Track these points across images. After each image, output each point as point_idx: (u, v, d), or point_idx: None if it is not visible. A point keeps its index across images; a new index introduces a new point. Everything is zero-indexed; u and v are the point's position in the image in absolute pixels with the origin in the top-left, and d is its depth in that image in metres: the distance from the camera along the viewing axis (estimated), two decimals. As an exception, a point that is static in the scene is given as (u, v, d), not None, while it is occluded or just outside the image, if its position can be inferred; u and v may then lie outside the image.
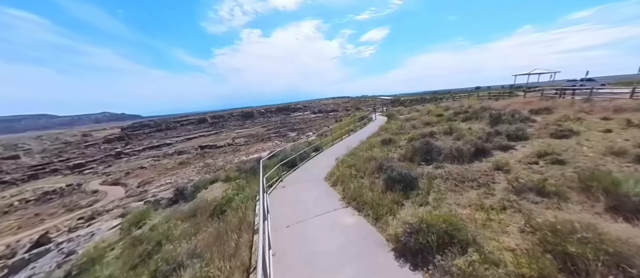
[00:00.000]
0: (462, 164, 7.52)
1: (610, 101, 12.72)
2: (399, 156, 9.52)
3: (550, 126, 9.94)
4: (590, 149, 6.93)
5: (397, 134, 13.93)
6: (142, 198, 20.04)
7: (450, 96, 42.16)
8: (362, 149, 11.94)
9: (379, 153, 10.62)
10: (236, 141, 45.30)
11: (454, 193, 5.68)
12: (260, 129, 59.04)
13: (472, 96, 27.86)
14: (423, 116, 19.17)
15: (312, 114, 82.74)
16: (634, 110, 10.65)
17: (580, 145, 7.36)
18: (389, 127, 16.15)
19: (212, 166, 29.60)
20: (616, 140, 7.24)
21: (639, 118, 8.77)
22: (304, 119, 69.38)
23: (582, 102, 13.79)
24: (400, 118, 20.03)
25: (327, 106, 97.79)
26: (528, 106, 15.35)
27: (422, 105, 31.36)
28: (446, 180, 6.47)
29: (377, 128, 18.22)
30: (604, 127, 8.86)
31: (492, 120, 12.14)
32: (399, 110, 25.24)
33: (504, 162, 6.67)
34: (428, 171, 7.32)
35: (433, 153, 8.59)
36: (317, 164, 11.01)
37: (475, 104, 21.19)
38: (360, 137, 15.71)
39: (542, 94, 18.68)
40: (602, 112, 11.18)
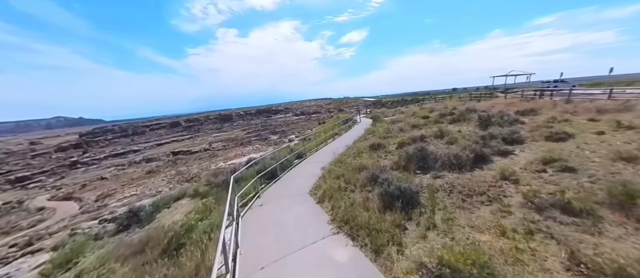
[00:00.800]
0: (462, 172, 6.83)
1: (591, 101, 13.02)
2: (391, 163, 8.70)
3: (542, 128, 9.71)
4: (593, 153, 6.54)
5: (385, 138, 13.23)
6: (98, 215, 17.54)
7: (430, 97, 43.11)
8: (349, 156, 11.03)
9: (368, 160, 9.76)
10: (213, 146, 42.71)
11: (463, 210, 4.87)
12: (240, 132, 56.40)
13: (453, 97, 28.35)
14: (409, 118, 18.82)
15: (294, 116, 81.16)
16: (616, 111, 10.82)
17: (582, 149, 6.98)
18: (375, 130, 15.46)
19: (186, 174, 27.23)
20: (616, 143, 6.96)
21: (628, 120, 8.72)
22: (286, 121, 67.67)
23: (563, 103, 14.05)
24: (386, 120, 19.52)
25: (309, 107, 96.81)
26: (512, 107, 15.46)
27: (406, 107, 31.43)
28: (450, 192, 5.68)
29: (362, 131, 17.50)
30: (595, 129, 8.71)
31: (481, 122, 11.83)
32: (383, 112, 24.95)
33: (509, 170, 6.04)
34: (427, 182, 6.52)
35: (429, 160, 7.87)
36: (300, 174, 9.88)
37: (458, 105, 21.33)
38: (346, 141, 14.84)
39: (523, 95, 19.16)
40: (586, 113, 11.27)
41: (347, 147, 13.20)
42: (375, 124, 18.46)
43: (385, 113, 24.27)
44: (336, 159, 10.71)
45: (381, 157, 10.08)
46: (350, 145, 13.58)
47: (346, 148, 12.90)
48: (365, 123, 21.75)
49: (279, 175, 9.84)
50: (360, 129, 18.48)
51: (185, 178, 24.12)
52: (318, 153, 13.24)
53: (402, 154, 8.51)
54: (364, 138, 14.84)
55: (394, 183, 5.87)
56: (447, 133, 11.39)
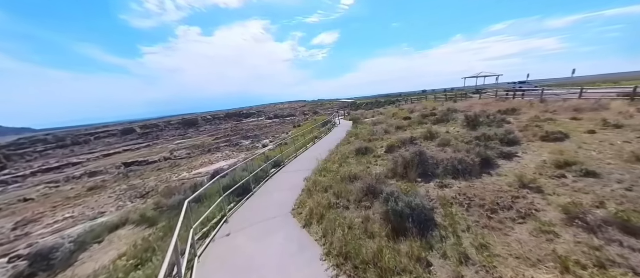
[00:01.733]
0: (469, 179, 6.03)
1: (564, 101, 13.60)
2: (385, 170, 7.68)
3: (532, 127, 9.53)
4: (601, 154, 6.20)
5: (370, 141, 12.34)
6: (11, 249, 13.97)
7: (403, 99, 44.30)
8: (334, 162, 9.86)
9: (357, 166, 8.68)
10: (175, 154, 38.61)
11: (494, 231, 3.92)
12: (207, 138, 52.15)
13: (428, 98, 29.03)
14: (390, 119, 18.37)
15: (267, 119, 78.21)
16: (591, 110, 11.23)
17: (585, 149, 6.66)
18: (358, 132, 14.56)
19: (140, 187, 23.64)
20: (616, 142, 6.75)
21: (613, 118, 8.85)
22: (259, 125, 64.67)
23: (538, 102, 14.54)
24: (367, 122, 18.83)
25: (283, 110, 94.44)
26: (490, 107, 15.74)
27: (384, 107, 31.47)
28: (468, 207, 4.74)
29: (344, 133, 16.53)
30: (583, 127, 8.69)
31: (468, 122, 11.52)
32: (362, 113, 24.44)
33: (526, 176, 5.33)
34: (436, 193, 5.56)
35: (428, 165, 6.98)
36: (279, 186, 8.42)
37: (435, 106, 21.59)
38: (328, 145, 13.69)
39: (496, 95, 19.94)
40: (565, 112, 11.57)
41: (330, 152, 12.04)
42: (357, 126, 17.63)
43: (364, 114, 23.71)
44: (320, 167, 9.45)
45: (371, 163, 9.05)
46: (333, 149, 12.45)
47: (329, 153, 11.73)
48: (345, 125, 20.90)
49: (253, 189, 8.26)
50: (341, 132, 17.50)
51: (140, 192, 20.82)
52: (298, 160, 11.87)
53: (397, 159, 7.52)
54: (346, 141, 13.84)
55: (402, 197, 4.77)
56: (437, 134, 10.83)
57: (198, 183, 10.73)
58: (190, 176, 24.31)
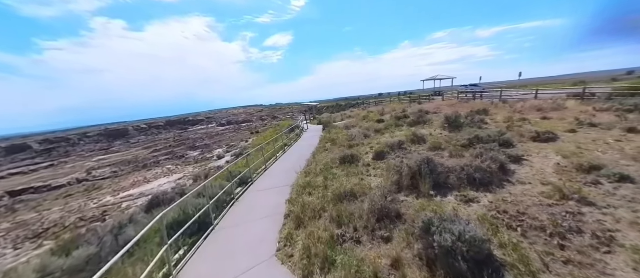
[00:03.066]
0: (493, 189, 5.25)
1: (524, 101, 14.83)
2: (385, 183, 6.51)
3: (513, 128, 9.67)
4: (606, 153, 6.19)
5: (351, 146, 11.21)
6: None
7: (363, 101, 45.46)
8: (316, 174, 8.40)
9: (348, 179, 7.34)
10: (95, 174, 31.63)
11: (584, 268, 2.96)
12: (142, 151, 44.32)
13: (393, 100, 29.96)
14: (362, 122, 17.78)
15: (218, 126, 71.55)
16: (552, 109, 12.26)
17: (587, 149, 6.65)
18: (335, 137, 13.35)
19: (36, 224, 17.95)
20: (608, 140, 6.90)
21: (583, 117, 9.46)
22: (209, 133, 58.36)
23: (501, 103, 15.60)
24: (339, 125, 17.86)
25: (237, 115, 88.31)
26: (458, 108, 16.40)
27: (351, 110, 31.26)
28: (522, 230, 3.78)
29: (316, 139, 15.16)
30: (561, 127, 9.06)
31: (450, 124, 11.38)
32: (330, 117, 23.52)
33: (556, 183, 4.74)
34: (463, 210, 4.55)
35: (440, 174, 6.04)
36: (252, 212, 6.52)
37: (403, 107, 22.04)
38: (302, 153, 12.12)
39: (458, 97, 21.28)
40: (531, 112, 12.40)
41: (307, 161, 10.52)
42: (329, 130, 16.45)
43: (332, 117, 22.84)
44: (301, 182, 7.85)
45: (362, 173, 7.82)
46: (310, 159, 10.95)
47: (307, 163, 10.22)
48: (314, 129, 19.57)
49: (215, 221, 6.15)
50: (312, 137, 16.09)
51: (33, 232, 15.58)
52: (270, 174, 9.99)
53: (401, 169, 6.42)
54: (322, 147, 12.47)
55: (447, 226, 3.55)
56: (423, 136, 10.29)
57: (132, 209, 7.94)
58: (116, 201, 19.65)
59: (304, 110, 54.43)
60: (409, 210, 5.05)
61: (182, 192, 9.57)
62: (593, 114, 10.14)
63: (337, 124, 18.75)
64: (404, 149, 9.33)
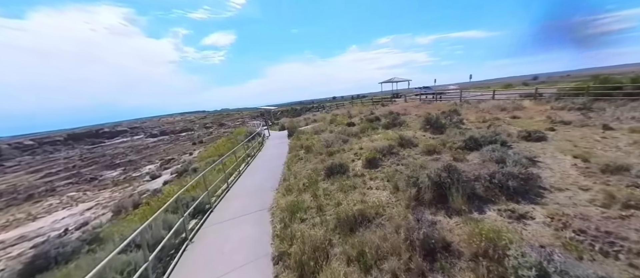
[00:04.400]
0: (534, 200, 4.58)
1: (485, 102, 15.89)
2: (406, 197, 5.39)
3: (495, 127, 9.79)
4: (607, 152, 6.22)
5: (331, 154, 9.96)
6: None
7: (319, 105, 45.12)
8: (302, 190, 7.01)
9: (346, 196, 6.03)
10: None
11: None
12: (26, 176, 34.07)
13: (354, 103, 30.04)
14: (331, 126, 16.78)
15: (149, 137, 61.46)
16: (514, 109, 13.23)
17: (587, 148, 6.69)
18: (307, 144, 11.90)
19: None
20: (595, 138, 7.19)
21: (559, 116, 10.15)
22: (135, 146, 49.22)
23: (464, 103, 16.48)
24: (307, 131, 16.47)
25: (173, 124, 78.23)
26: (425, 109, 16.80)
27: (314, 114, 30.11)
28: (615, 255, 3.00)
29: (285, 147, 13.48)
30: (537, 125, 9.48)
31: (431, 125, 11.14)
32: (292, 121, 21.90)
33: (606, 189, 4.28)
34: (526, 233, 3.67)
35: (465, 184, 5.18)
36: (219, 267, 4.59)
37: (370, 109, 21.95)
38: (272, 165, 10.38)
39: (420, 99, 22.20)
40: (497, 112, 13.13)
41: (282, 175, 8.91)
42: (298, 136, 14.91)
43: (295, 122, 21.30)
44: (284, 204, 6.21)
45: (360, 187, 6.58)
46: (285, 171, 9.33)
47: (283, 177, 8.60)
48: (277, 136, 17.76)
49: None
50: (279, 145, 14.31)
51: None
52: (235, 195, 7.99)
53: (424, 180, 5.37)
54: (296, 156, 10.90)
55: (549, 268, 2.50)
56: (410, 140, 9.67)
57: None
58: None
59: (257, 115, 51.27)
60: (454, 235, 3.97)
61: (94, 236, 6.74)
62: (555, 113, 11.11)
63: (304, 129, 17.32)
64: (396, 155, 8.48)
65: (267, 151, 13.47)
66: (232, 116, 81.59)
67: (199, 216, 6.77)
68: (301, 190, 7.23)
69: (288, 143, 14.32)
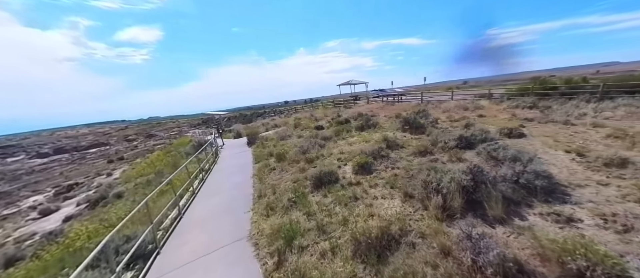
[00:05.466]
0: (565, 199, 4.40)
1: (447, 102, 16.93)
2: (419, 208, 4.71)
3: (473, 126, 10.16)
4: (590, 145, 6.64)
5: (310, 160, 8.94)
6: None
7: (272, 110, 43.43)
8: (287, 208, 5.84)
9: (351, 212, 5.10)
10: None
11: None
12: None
13: (315, 106, 29.46)
14: (297, 130, 15.70)
15: (34, 158, 48.37)
16: (475, 108, 14.29)
17: (570, 142, 7.13)
18: (278, 152, 10.58)
19: None
20: (568, 133, 7.84)
21: (520, 114, 11.02)
22: (9, 171, 38.27)
23: (425, 104, 17.30)
24: (271, 137, 15.02)
25: (77, 138, 64.58)
26: (392, 111, 17.15)
27: (274, 118, 28.28)
28: None
29: (247, 157, 11.87)
30: (508, 123, 10.15)
31: (410, 125, 11.09)
32: (250, 127, 19.93)
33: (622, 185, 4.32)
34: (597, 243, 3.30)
35: (496, 185, 4.78)
36: None
37: (331, 112, 21.54)
38: (237, 180, 8.83)
39: (383, 100, 22.80)
40: (461, 111, 13.99)
41: (255, 191, 7.46)
42: (262, 143, 13.38)
43: (254, 128, 19.45)
44: (267, 229, 5.00)
45: (361, 196, 5.72)
46: (256, 185, 7.87)
47: (256, 193, 7.19)
48: (234, 145, 15.77)
49: None
50: (239, 155, 12.56)
51: None
52: (191, 225, 6.26)
53: (450, 187, 4.76)
54: (267, 166, 9.54)
55: None
56: (395, 142, 9.30)
57: None
58: None
59: (199, 123, 46.37)
60: (514, 250, 3.36)
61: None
62: (513, 111, 12.29)
63: (265, 135, 15.79)
64: (387, 158, 7.92)
65: (225, 163, 11.61)
66: (165, 125, 72.38)
67: (136, 264, 4.90)
68: (287, 208, 6.02)
69: (251, 152, 12.69)
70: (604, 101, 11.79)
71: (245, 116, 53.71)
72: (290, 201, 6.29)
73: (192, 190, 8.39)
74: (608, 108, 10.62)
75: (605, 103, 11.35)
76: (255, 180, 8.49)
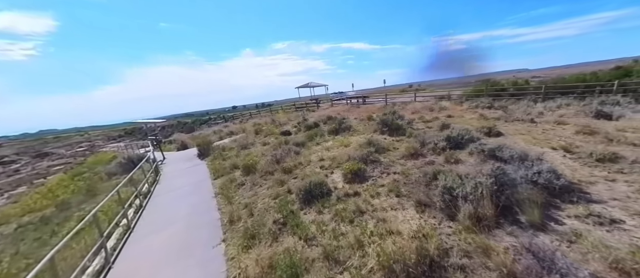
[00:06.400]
0: (582, 198, 4.37)
1: (410, 104, 17.55)
2: (440, 218, 4.19)
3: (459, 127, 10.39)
4: (567, 142, 7.13)
5: (287, 171, 7.95)
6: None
7: (220, 117, 40.26)
8: (275, 235, 5.08)
9: (368, 229, 4.37)
10: None
11: None
12: None
13: (275, 110, 28.13)
14: (259, 138, 14.38)
15: None
16: (441, 109, 15.02)
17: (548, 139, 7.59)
18: (244, 163, 9.24)
19: None
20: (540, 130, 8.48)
21: (492, 115, 11.75)
22: None
23: (391, 106, 17.69)
24: (227, 146, 13.41)
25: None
26: (358, 113, 17.11)
27: (227, 125, 25.81)
28: None
29: (201, 171, 10.20)
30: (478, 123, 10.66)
31: (389, 127, 10.90)
32: (201, 137, 17.48)
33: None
34: None
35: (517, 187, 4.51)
36: None
37: (293, 116, 20.63)
38: (189, 201, 7.38)
39: (348, 103, 22.80)
40: (428, 112, 14.53)
41: (225, 214, 6.13)
42: (222, 154, 11.75)
43: (206, 138, 17.21)
44: (258, 269, 4.05)
45: (367, 209, 5.01)
46: (221, 207, 6.57)
47: (226, 217, 5.92)
48: (179, 159, 13.58)
49: None
50: (190, 171, 10.75)
51: None
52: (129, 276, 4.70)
53: (468, 192, 4.32)
54: (232, 181, 8.23)
55: None
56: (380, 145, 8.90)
57: None
58: None
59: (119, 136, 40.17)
60: (591, 264, 2.97)
61: None
62: (475, 111, 13.19)
63: (220, 145, 14.06)
64: (378, 163, 7.40)
65: (172, 182, 9.72)
66: (68, 139, 60.90)
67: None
68: (275, 233, 4.96)
69: (205, 165, 10.98)
70: (547, 101, 13.49)
71: (184, 124, 48.89)
72: (278, 224, 5.23)
73: (128, 225, 6.53)
74: (555, 106, 12.06)
75: (549, 103, 12.94)
76: (221, 200, 7.11)
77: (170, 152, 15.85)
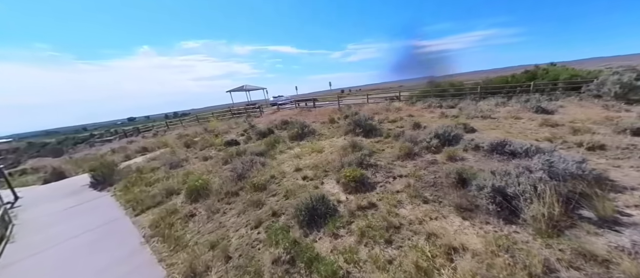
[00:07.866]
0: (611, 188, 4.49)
1: (365, 106, 17.73)
2: (490, 227, 3.66)
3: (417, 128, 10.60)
4: (541, 131, 7.81)
5: (261, 188, 6.52)
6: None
7: (110, 131, 33.43)
8: None
9: (431, 252, 3.49)
10: None
11: None
12: None
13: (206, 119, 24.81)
14: (194, 152, 12.03)
15: None
16: (396, 110, 15.54)
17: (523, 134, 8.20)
18: (193, 185, 7.22)
19: None
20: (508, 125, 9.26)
21: (451, 114, 12.46)
22: None
23: (345, 109, 17.59)
24: (146, 167, 10.72)
25: None
26: (316, 115, 16.38)
27: (132, 140, 21.12)
28: None
29: (111, 209, 7.61)
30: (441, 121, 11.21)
31: (363, 128, 10.45)
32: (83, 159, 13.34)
33: None
34: None
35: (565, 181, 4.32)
36: None
37: (233, 123, 18.45)
38: (104, 265, 5.11)
39: (298, 106, 21.91)
40: (388, 112, 14.82)
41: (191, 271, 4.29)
42: (141, 177, 9.16)
43: (97, 159, 13.41)
44: None
45: (405, 224, 4.17)
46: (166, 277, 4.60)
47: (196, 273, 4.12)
48: (52, 195, 9.67)
49: None
50: (89, 213, 7.87)
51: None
52: None
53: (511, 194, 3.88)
54: (172, 215, 6.20)
55: None
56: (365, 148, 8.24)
57: None
58: None
59: None
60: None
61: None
62: (432, 111, 14.08)
63: (132, 166, 11.14)
64: (376, 167, 6.68)
65: (43, 236, 6.52)
66: None
67: None
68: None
69: (111, 197, 8.29)
70: (484, 100, 15.49)
71: (43, 145, 38.80)
72: (281, 263, 3.84)
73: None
74: (494, 104, 13.73)
75: (488, 101, 14.81)
76: (161, 246, 5.03)
77: (30, 187, 11.50)
